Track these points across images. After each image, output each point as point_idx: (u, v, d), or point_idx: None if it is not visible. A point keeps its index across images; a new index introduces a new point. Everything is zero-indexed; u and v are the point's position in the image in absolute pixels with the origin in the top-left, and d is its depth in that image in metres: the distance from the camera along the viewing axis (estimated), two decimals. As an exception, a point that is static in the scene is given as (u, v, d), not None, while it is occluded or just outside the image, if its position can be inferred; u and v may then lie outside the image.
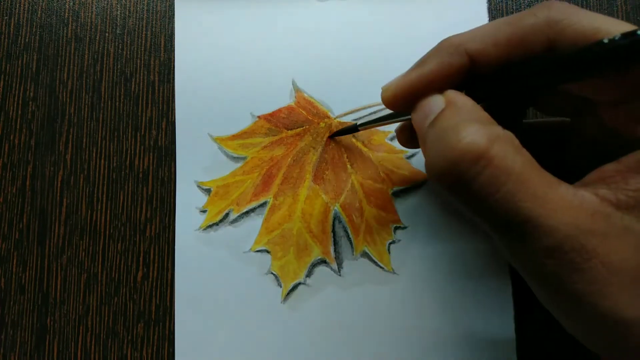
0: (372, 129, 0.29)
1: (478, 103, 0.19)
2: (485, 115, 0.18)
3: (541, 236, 0.16)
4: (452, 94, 0.19)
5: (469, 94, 0.19)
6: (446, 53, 0.19)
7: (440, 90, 0.19)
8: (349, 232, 0.28)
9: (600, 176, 0.17)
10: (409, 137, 0.25)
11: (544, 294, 0.18)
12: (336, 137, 0.29)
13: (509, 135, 0.17)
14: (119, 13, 0.31)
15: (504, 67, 0.19)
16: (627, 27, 0.16)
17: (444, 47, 0.19)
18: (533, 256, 0.16)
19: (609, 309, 0.15)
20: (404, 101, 0.20)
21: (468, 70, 0.19)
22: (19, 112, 0.30)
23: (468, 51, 0.19)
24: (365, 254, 0.28)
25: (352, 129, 0.27)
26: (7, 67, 0.30)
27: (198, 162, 0.29)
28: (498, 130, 0.17)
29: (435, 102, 0.19)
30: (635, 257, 0.16)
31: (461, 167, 0.16)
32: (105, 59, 0.30)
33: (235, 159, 0.29)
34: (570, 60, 0.16)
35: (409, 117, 0.21)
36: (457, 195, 0.17)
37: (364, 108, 0.29)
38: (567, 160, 0.22)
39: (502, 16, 0.30)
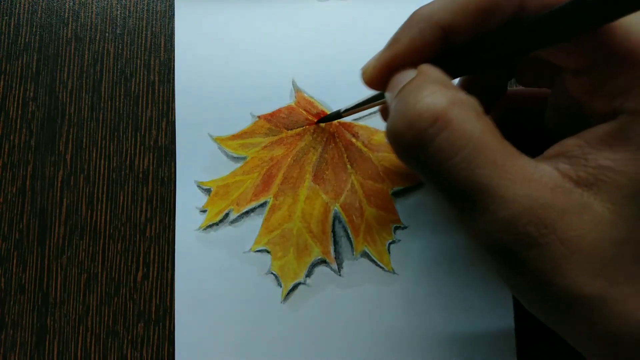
0: (372, 129, 0.29)
1: (454, 78, 0.18)
2: (451, 83, 0.17)
3: (497, 207, 0.15)
4: (424, 67, 0.18)
5: (444, 68, 0.18)
6: (417, 28, 0.18)
7: (414, 65, 0.19)
8: (349, 232, 0.28)
9: (561, 150, 0.16)
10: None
11: (500, 271, 0.17)
12: (335, 137, 0.29)
13: (471, 100, 0.16)
14: (119, 13, 0.31)
15: (475, 39, 0.18)
16: None
17: (415, 21, 0.19)
18: (487, 229, 0.15)
19: (566, 287, 0.15)
20: (382, 80, 0.20)
21: (442, 43, 0.18)
22: (19, 112, 0.30)
23: (438, 23, 0.18)
24: (365, 254, 0.28)
25: (337, 115, 0.27)
26: (7, 67, 0.30)
27: (198, 162, 0.29)
28: (461, 94, 0.16)
29: (406, 76, 0.18)
30: (592, 235, 0.15)
31: (418, 127, 0.16)
32: (105, 59, 0.30)
33: (235, 159, 0.29)
34: (533, 27, 0.16)
35: None
36: (413, 158, 0.16)
37: (364, 108, 0.29)
38: (544, 132, 0.21)
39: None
